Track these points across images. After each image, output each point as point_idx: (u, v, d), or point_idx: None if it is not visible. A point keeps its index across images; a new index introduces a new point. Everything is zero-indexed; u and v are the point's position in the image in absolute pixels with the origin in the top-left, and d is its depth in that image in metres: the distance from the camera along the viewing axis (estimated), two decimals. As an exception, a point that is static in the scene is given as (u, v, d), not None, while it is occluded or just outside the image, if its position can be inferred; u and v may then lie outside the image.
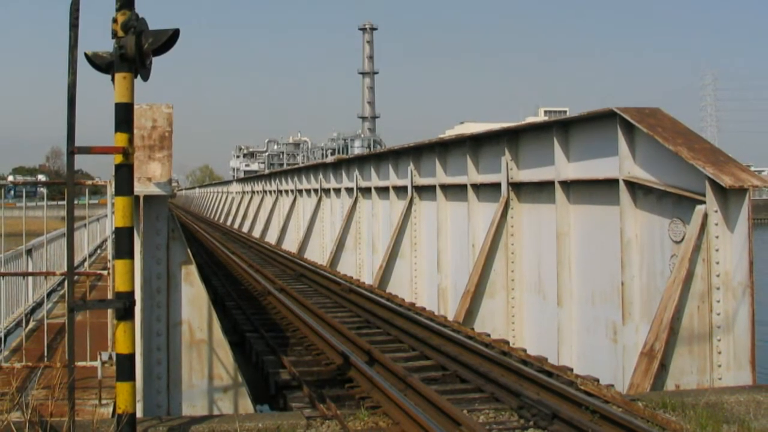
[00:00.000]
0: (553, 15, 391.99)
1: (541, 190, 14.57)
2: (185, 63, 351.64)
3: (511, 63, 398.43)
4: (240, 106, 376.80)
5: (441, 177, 18.88)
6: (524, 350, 13.05)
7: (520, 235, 15.34)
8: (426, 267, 20.07)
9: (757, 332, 10.44)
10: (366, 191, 25.38)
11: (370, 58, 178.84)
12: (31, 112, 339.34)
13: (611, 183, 12.24)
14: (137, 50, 6.29)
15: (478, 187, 16.88)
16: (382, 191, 23.70)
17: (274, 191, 42.85)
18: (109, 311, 8.42)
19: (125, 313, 6.49)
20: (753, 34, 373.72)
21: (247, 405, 8.72)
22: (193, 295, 8.69)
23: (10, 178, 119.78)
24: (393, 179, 22.51)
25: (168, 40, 6.44)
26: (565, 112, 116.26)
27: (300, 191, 36.02)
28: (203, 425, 7.71)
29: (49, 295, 14.20)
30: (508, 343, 13.77)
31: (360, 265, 25.48)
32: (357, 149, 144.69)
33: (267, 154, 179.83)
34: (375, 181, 24.37)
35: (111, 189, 8.10)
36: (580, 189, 13.39)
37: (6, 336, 10.36)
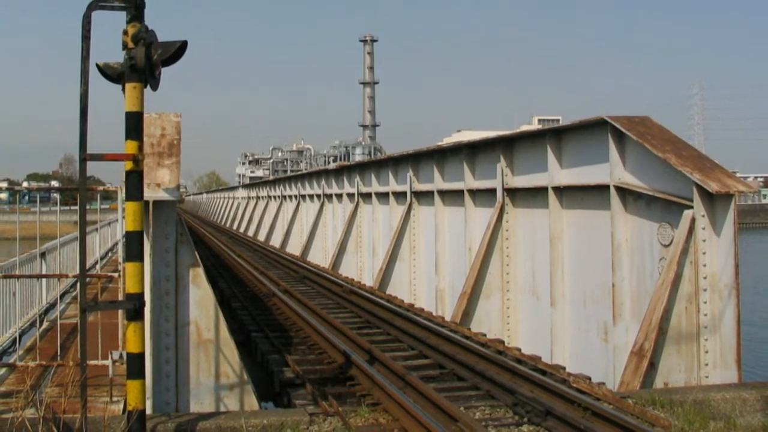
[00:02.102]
0: (547, 28, 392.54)
1: (535, 195, 14.57)
2: (193, 73, 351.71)
3: (506, 73, 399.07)
4: (246, 115, 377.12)
5: (439, 183, 18.88)
6: (519, 349, 13.03)
7: (515, 239, 15.33)
8: (424, 269, 20.06)
9: (742, 332, 10.43)
10: (367, 197, 25.38)
11: (371, 68, 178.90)
12: (44, 120, 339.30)
13: (602, 189, 12.24)
14: (147, 61, 6.30)
15: (474, 193, 16.88)
16: (382, 197, 23.69)
17: (279, 197, 42.85)
18: (120, 312, 8.42)
19: (135, 314, 6.49)
20: (739, 45, 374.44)
21: (252, 402, 8.71)
22: (200, 297, 8.69)
23: (25, 184, 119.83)
24: (393, 185, 22.51)
25: (176, 51, 6.45)
26: (558, 120, 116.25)
27: (303, 197, 36.03)
28: (210, 422, 7.70)
29: (62, 296, 14.20)
30: (503, 342, 13.76)
31: (361, 268, 25.47)
32: (358, 156, 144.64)
33: (271, 161, 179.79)
34: (375, 186, 24.37)
35: (122, 194, 8.10)
36: (573, 194, 13.39)
37: (21, 336, 10.35)
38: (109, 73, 6.49)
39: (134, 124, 6.44)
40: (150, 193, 7.92)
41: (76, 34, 6.24)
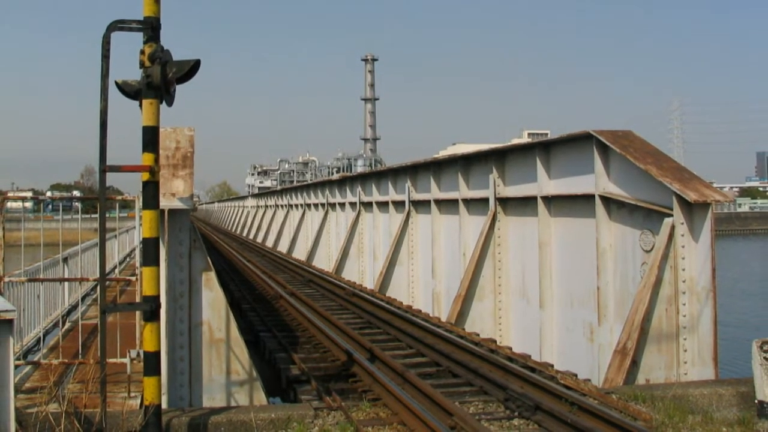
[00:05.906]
0: (536, 47, 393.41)
1: (525, 204, 14.57)
2: (206, 89, 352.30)
3: (498, 90, 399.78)
4: (255, 129, 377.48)
5: (435, 193, 18.89)
6: (510, 348, 13.02)
7: (506, 245, 15.33)
8: (422, 273, 20.05)
9: (719, 332, 10.44)
10: (368, 205, 25.37)
11: (372, 85, 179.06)
12: (67, 134, 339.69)
13: (588, 198, 12.25)
14: (162, 79, 6.32)
15: (468, 202, 16.89)
16: (382, 205, 23.70)
17: (286, 205, 42.84)
18: (137, 313, 8.42)
19: (151, 315, 6.49)
20: (716, 64, 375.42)
21: (261, 397, 8.70)
22: (212, 299, 8.69)
23: (48, 193, 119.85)
24: (392, 195, 22.52)
25: (190, 69, 6.47)
26: (546, 134, 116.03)
27: (309, 205, 36.02)
28: (222, 416, 7.70)
29: (83, 298, 14.17)
30: (495, 341, 13.74)
31: (362, 272, 25.45)
32: (360, 168, 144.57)
33: (279, 172, 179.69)
34: (376, 196, 24.37)
35: (139, 203, 8.11)
36: (560, 203, 13.40)
37: (45, 335, 10.33)
38: (128, 90, 6.51)
39: (150, 138, 6.46)
40: (165, 203, 7.93)
41: (97, 54, 6.28)
